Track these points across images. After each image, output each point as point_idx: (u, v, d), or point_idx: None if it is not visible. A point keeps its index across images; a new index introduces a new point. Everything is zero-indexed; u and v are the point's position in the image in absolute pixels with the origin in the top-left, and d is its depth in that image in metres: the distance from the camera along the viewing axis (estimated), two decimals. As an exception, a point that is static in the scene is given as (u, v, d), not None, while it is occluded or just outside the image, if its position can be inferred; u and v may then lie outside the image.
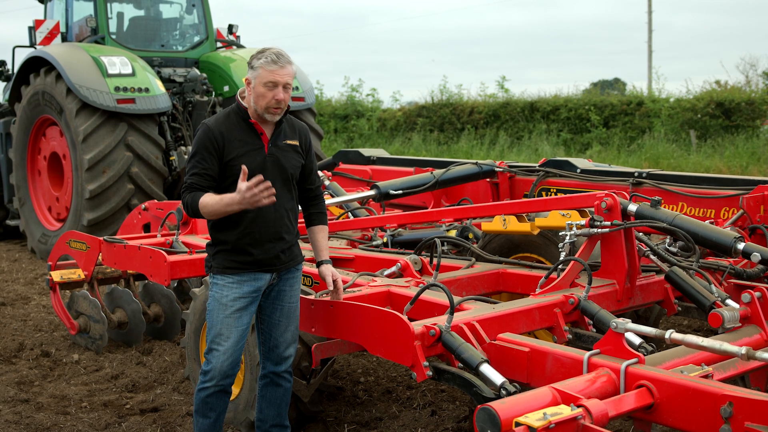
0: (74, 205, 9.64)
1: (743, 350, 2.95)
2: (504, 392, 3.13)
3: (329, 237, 5.86)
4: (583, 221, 4.33)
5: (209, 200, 3.61)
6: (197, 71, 10.77)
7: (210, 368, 3.79)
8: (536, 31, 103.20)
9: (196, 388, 3.88)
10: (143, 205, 7.16)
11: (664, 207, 4.64)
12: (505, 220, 4.99)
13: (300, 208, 4.08)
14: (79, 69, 9.41)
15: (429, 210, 6.50)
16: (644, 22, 33.61)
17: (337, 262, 5.19)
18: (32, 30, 11.01)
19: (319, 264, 4.03)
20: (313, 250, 4.08)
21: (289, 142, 3.89)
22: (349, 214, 6.30)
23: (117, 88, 9.31)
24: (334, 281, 3.96)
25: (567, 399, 2.75)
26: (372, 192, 6.48)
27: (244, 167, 3.52)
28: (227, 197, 3.56)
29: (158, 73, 10.49)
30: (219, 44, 11.68)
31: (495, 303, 3.97)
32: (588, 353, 3.16)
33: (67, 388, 5.42)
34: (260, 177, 3.50)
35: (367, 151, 8.42)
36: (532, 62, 78.80)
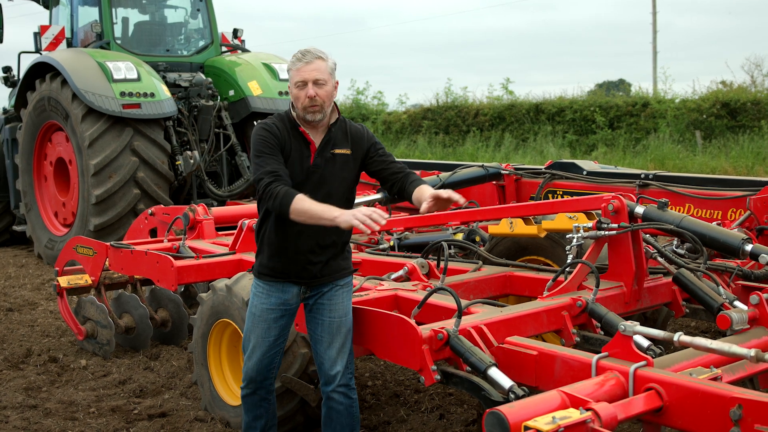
0: (80, 210, 9.66)
1: (752, 352, 2.93)
2: (512, 396, 3.14)
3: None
4: (590, 224, 4.32)
5: (310, 205, 3.43)
6: (202, 76, 10.78)
7: (243, 372, 3.88)
8: (536, 34, 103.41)
9: None
10: (150, 210, 7.19)
11: (671, 209, 4.64)
12: (512, 222, 4.99)
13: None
14: (85, 74, 9.43)
15: (435, 213, 6.50)
16: (647, 24, 33.66)
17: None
18: (37, 36, 11.03)
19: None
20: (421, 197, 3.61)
21: (338, 150, 3.66)
22: (356, 217, 6.29)
23: (122, 93, 9.33)
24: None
25: (576, 402, 2.74)
26: (379, 195, 6.48)
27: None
28: (328, 211, 3.40)
29: (163, 77, 10.50)
30: (224, 49, 11.71)
31: (502, 306, 3.96)
32: (596, 356, 3.16)
33: (75, 394, 5.43)
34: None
35: (373, 155, 8.42)
36: (533, 64, 78.92)
